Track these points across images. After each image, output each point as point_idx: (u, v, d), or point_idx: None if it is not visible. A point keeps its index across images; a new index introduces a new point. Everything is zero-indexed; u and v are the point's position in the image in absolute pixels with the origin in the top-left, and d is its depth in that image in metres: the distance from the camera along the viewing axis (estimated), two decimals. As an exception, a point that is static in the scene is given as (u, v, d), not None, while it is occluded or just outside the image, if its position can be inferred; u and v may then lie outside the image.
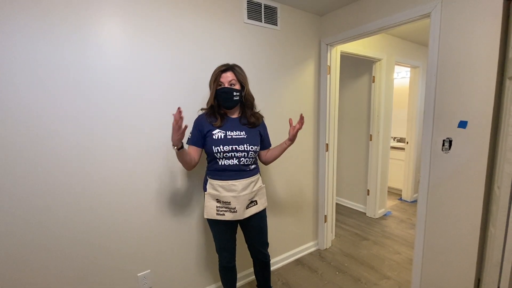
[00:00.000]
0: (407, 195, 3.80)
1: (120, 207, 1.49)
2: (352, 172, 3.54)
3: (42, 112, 1.24)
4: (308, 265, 2.29)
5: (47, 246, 1.31)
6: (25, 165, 1.22)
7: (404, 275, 2.13)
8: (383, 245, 2.61)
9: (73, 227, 1.37)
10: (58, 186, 1.31)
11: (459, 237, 1.58)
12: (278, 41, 2.04)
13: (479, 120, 1.45)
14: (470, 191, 1.51)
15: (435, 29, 1.57)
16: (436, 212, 1.67)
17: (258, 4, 1.89)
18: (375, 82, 3.07)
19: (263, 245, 1.61)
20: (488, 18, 1.37)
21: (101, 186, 1.42)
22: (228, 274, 1.60)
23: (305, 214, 2.44)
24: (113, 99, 1.41)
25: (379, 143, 3.15)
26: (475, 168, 1.48)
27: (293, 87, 2.18)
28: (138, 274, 1.59)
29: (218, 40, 1.74)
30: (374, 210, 3.27)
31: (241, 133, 1.42)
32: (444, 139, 1.59)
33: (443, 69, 1.57)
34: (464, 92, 1.49)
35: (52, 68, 1.24)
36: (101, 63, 1.36)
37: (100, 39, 1.34)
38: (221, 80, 1.38)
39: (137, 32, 1.44)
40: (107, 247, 1.47)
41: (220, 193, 1.40)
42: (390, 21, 1.81)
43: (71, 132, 1.31)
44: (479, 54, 1.42)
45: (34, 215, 1.26)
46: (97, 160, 1.39)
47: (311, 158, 2.42)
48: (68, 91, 1.29)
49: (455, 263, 1.62)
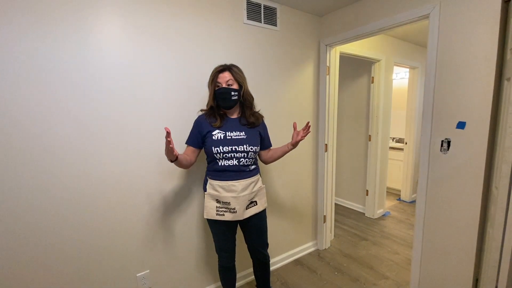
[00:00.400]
0: (406, 196, 3.81)
1: (119, 207, 1.49)
2: (351, 173, 3.55)
3: (41, 112, 1.24)
4: (307, 265, 2.30)
5: (46, 246, 1.30)
6: (23, 165, 1.22)
7: (403, 275, 2.13)
8: (382, 245, 2.62)
9: (72, 227, 1.36)
10: (57, 186, 1.31)
11: (458, 237, 1.59)
12: (277, 41, 2.05)
13: (477, 121, 1.45)
14: (468, 191, 1.52)
15: (434, 31, 1.58)
16: (434, 213, 1.68)
17: (257, 4, 1.89)
18: (374, 83, 3.08)
19: (263, 245, 1.61)
20: (486, 19, 1.38)
21: (100, 186, 1.42)
22: (227, 274, 1.60)
23: (304, 214, 2.44)
24: (113, 99, 1.41)
25: (378, 143, 3.16)
26: (473, 168, 1.49)
27: (292, 87, 2.19)
28: (137, 274, 1.59)
29: (217, 40, 1.74)
30: (373, 211, 3.28)
31: (240, 134, 1.43)
32: (442, 140, 1.60)
33: (441, 70, 1.58)
34: (462, 93, 1.50)
35: (51, 68, 1.24)
36: (100, 63, 1.36)
37: (99, 39, 1.34)
38: (218, 80, 1.39)
39: (136, 31, 1.44)
40: (106, 247, 1.47)
41: (220, 193, 1.40)
42: (389, 22, 1.82)
43: (69, 132, 1.31)
44: (478, 55, 1.43)
45: (33, 215, 1.26)
46: (96, 160, 1.39)
47: (310, 158, 2.42)
48: (67, 91, 1.29)
49: (453, 263, 1.62)
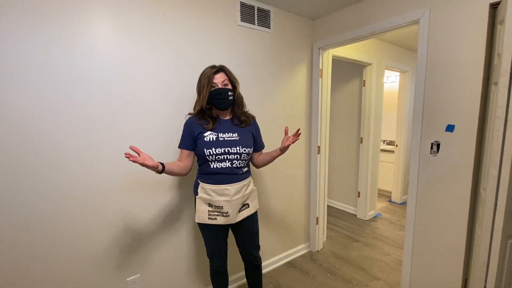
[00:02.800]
0: (397, 197, 3.86)
1: (109, 211, 1.45)
2: (343, 174, 3.58)
3: (32, 114, 1.20)
4: (299, 267, 2.30)
5: (37, 249, 1.26)
6: (15, 167, 1.18)
7: (394, 276, 2.16)
8: (374, 247, 2.64)
9: (63, 231, 1.33)
10: (48, 189, 1.27)
11: (447, 238, 1.62)
12: (271, 44, 2.05)
13: (465, 124, 1.49)
14: (458, 193, 1.55)
15: (424, 35, 1.62)
16: (424, 214, 1.71)
17: (251, 6, 1.90)
18: (365, 86, 3.13)
19: (255, 248, 1.60)
20: (474, 25, 1.42)
21: (90, 189, 1.38)
22: (219, 279, 1.58)
23: (296, 216, 2.44)
24: (106, 100, 1.38)
25: (369, 145, 3.20)
26: (462, 170, 1.52)
27: (285, 89, 2.19)
28: (127, 279, 1.55)
29: (211, 41, 1.73)
30: (365, 212, 3.31)
31: (233, 135, 1.41)
32: (432, 142, 1.63)
33: (431, 74, 1.61)
34: (451, 97, 1.53)
35: (42, 68, 1.21)
36: (93, 63, 1.33)
37: (92, 39, 1.32)
38: (215, 81, 1.36)
39: (129, 33, 1.42)
40: (96, 251, 1.44)
41: (212, 197, 1.39)
42: (380, 27, 1.85)
43: (64, 134, 1.28)
44: (466, 60, 1.46)
45: (26, 218, 1.22)
46: (87, 162, 1.36)
47: (303, 160, 2.43)
48: (58, 91, 1.25)
49: (443, 264, 1.65)
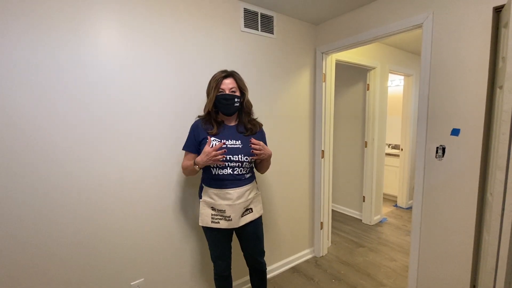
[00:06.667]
0: (402, 202, 3.82)
1: (114, 215, 1.47)
2: (348, 179, 3.55)
3: (36, 116, 1.23)
4: (304, 273, 2.27)
5: (42, 251, 1.28)
6: (18, 169, 1.20)
7: (400, 282, 2.12)
8: (379, 252, 2.61)
9: (67, 234, 1.34)
10: (53, 191, 1.29)
11: (454, 244, 1.59)
12: (274, 49, 2.07)
13: (471, 128, 1.47)
14: (464, 197, 1.53)
15: (427, 39, 1.61)
16: (430, 219, 1.69)
17: (254, 13, 1.92)
18: (369, 90, 3.12)
19: (260, 253, 1.59)
20: (478, 29, 1.41)
21: (96, 192, 1.40)
22: (223, 283, 1.58)
23: (301, 221, 2.43)
24: (110, 104, 1.41)
25: (374, 149, 3.18)
26: (468, 175, 1.50)
27: (289, 94, 2.20)
28: (132, 283, 1.56)
29: (215, 47, 1.75)
30: (370, 217, 3.28)
31: (236, 142, 1.40)
32: (437, 146, 1.62)
33: (435, 78, 1.60)
34: (456, 101, 1.52)
35: (48, 71, 1.24)
36: (98, 67, 1.36)
37: (97, 44, 1.35)
38: (222, 87, 1.37)
39: (135, 39, 1.45)
40: (103, 254, 1.45)
41: (215, 201, 1.39)
42: (384, 31, 1.85)
43: (68, 136, 1.30)
44: (470, 64, 1.45)
45: (32, 219, 1.24)
46: (92, 166, 1.38)
47: (307, 165, 2.42)
48: (64, 95, 1.28)
49: (450, 270, 1.62)
